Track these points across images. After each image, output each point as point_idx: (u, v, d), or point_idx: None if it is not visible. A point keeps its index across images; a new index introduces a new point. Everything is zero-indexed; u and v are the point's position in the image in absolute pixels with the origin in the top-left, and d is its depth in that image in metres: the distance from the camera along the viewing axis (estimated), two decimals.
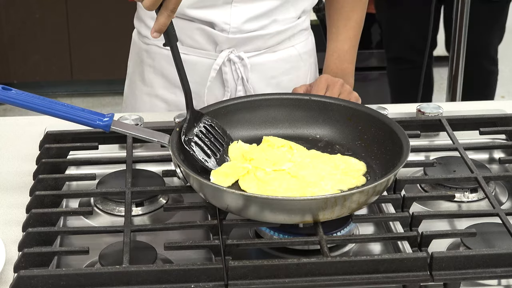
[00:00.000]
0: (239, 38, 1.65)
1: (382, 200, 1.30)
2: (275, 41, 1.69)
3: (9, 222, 1.32)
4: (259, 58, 1.69)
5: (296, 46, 1.73)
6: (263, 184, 1.27)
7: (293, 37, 1.71)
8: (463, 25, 2.65)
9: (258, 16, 1.65)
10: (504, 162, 1.47)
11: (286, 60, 1.72)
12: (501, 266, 1.14)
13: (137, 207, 1.36)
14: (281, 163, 1.32)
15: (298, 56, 1.74)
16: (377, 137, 1.38)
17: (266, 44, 1.68)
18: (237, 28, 1.64)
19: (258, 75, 1.70)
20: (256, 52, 1.68)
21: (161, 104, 1.74)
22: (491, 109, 1.63)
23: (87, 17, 4.09)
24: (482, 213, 1.29)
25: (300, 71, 1.75)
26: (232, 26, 1.63)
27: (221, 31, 1.64)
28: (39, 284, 1.10)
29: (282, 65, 1.72)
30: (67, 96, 4.30)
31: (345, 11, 1.73)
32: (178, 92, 1.72)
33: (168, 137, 1.31)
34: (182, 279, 1.11)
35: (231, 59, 1.66)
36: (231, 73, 1.68)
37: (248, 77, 1.68)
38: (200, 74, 1.68)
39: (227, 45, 1.65)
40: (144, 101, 1.76)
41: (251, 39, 1.66)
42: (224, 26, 1.63)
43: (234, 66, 1.67)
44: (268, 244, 1.23)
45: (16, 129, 1.63)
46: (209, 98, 1.68)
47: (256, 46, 1.68)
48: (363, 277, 1.13)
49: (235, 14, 1.63)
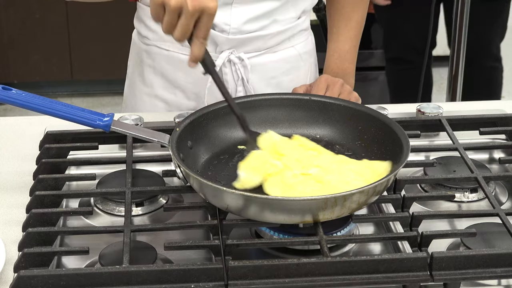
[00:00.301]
0: (239, 39, 1.65)
1: (382, 200, 1.30)
2: (275, 42, 1.69)
3: (9, 222, 1.32)
4: (259, 59, 1.69)
5: (296, 46, 1.73)
6: (288, 189, 1.25)
7: (293, 37, 1.71)
8: (463, 24, 2.65)
9: (258, 17, 1.65)
10: (504, 162, 1.47)
11: (286, 60, 1.72)
12: (501, 266, 1.14)
13: (137, 207, 1.36)
14: (308, 166, 1.30)
15: (298, 56, 1.74)
16: (377, 137, 1.38)
17: (266, 44, 1.68)
18: (237, 29, 1.64)
19: (258, 76, 1.70)
20: (256, 53, 1.68)
21: (161, 104, 1.74)
22: (491, 109, 1.63)
23: (87, 17, 4.09)
24: (482, 213, 1.29)
25: (300, 71, 1.75)
26: (232, 27, 1.63)
27: (221, 32, 1.64)
28: (39, 284, 1.10)
29: (282, 65, 1.72)
30: (67, 96, 4.30)
31: (346, 11, 1.73)
32: (178, 92, 1.72)
33: (168, 137, 1.31)
34: (182, 279, 1.11)
35: (231, 60, 1.66)
36: (231, 73, 1.68)
37: (248, 77, 1.68)
38: (200, 75, 1.68)
39: (227, 45, 1.65)
40: (144, 101, 1.76)
41: (251, 40, 1.66)
42: (224, 27, 1.63)
43: (234, 66, 1.67)
44: (268, 244, 1.23)
45: (16, 129, 1.63)
46: (209, 98, 1.68)
47: (256, 46, 1.68)
48: (363, 277, 1.13)
49: (235, 14, 1.63)
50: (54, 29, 4.11)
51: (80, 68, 4.21)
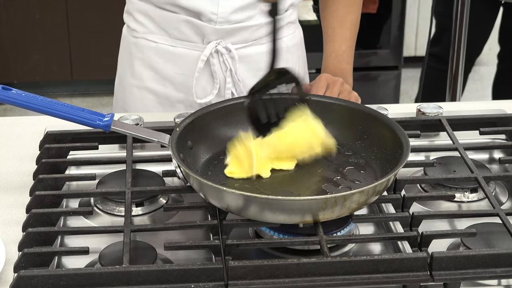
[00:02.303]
0: (226, 29, 1.66)
1: (382, 200, 1.30)
2: (262, 33, 1.70)
3: (9, 222, 1.32)
4: (247, 50, 1.71)
5: (284, 39, 1.74)
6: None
7: (280, 30, 1.71)
8: (463, 24, 2.64)
9: (245, 7, 1.66)
10: (504, 162, 1.47)
11: None
12: (501, 266, 1.14)
13: (137, 207, 1.36)
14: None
15: (286, 49, 1.74)
16: (377, 137, 1.38)
17: (253, 36, 1.70)
18: (224, 18, 1.65)
19: (246, 67, 1.72)
20: (243, 44, 1.70)
21: (150, 96, 1.75)
22: (491, 109, 1.63)
23: (87, 17, 4.09)
24: (482, 213, 1.29)
25: (287, 64, 1.75)
26: (219, 16, 1.65)
27: (208, 22, 1.65)
28: (39, 284, 1.10)
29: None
30: (67, 96, 4.30)
31: (340, 13, 1.73)
32: (167, 84, 1.73)
33: (168, 137, 1.31)
34: (182, 279, 1.11)
35: (219, 51, 1.68)
36: (219, 64, 1.69)
37: (236, 69, 1.69)
38: (188, 66, 1.70)
39: (214, 36, 1.67)
40: (133, 94, 1.77)
41: (238, 30, 1.68)
42: (211, 16, 1.65)
43: (222, 57, 1.68)
44: (268, 244, 1.23)
45: (16, 129, 1.64)
46: (197, 89, 1.69)
47: (243, 37, 1.69)
48: (363, 277, 1.13)
49: (223, 3, 1.64)
50: (54, 29, 4.11)
51: (80, 68, 4.21)
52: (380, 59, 3.91)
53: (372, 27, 3.82)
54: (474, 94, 4.32)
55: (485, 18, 3.30)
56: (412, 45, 4.46)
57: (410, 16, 4.27)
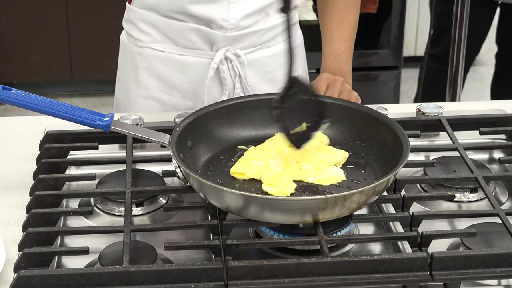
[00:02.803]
0: (235, 36, 1.67)
1: (382, 200, 1.30)
2: (269, 37, 1.71)
3: (9, 222, 1.32)
4: (254, 54, 1.71)
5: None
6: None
7: (285, 32, 1.72)
8: (463, 24, 2.64)
9: (254, 12, 1.67)
10: (504, 162, 1.47)
11: (280, 55, 1.73)
12: (501, 266, 1.14)
13: (137, 207, 1.36)
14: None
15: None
16: (377, 137, 1.38)
17: (260, 39, 1.70)
18: (235, 24, 1.65)
19: (254, 71, 1.72)
20: (251, 49, 1.70)
21: (157, 105, 1.75)
22: (491, 109, 1.63)
23: (87, 17, 4.09)
24: (482, 213, 1.29)
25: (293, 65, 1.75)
26: (230, 22, 1.64)
27: (219, 29, 1.65)
28: (39, 284, 1.10)
29: (276, 60, 1.73)
30: (67, 96, 4.30)
31: (338, 15, 1.73)
32: (174, 92, 1.72)
33: (168, 137, 1.31)
34: (182, 279, 1.11)
35: (228, 57, 1.68)
36: (228, 71, 1.69)
37: (245, 74, 1.69)
38: (197, 74, 1.69)
39: (223, 43, 1.66)
40: (138, 103, 1.76)
41: (247, 36, 1.68)
42: (222, 23, 1.64)
43: (231, 63, 1.68)
44: (268, 244, 1.23)
45: (16, 129, 1.64)
46: (208, 98, 1.68)
47: (251, 42, 1.69)
48: (363, 277, 1.13)
49: (233, 10, 1.64)
50: (54, 29, 4.11)
51: (80, 68, 4.21)
52: (380, 59, 3.91)
53: (372, 27, 3.82)
54: (474, 94, 4.32)
55: (483, 19, 3.30)
56: (412, 45, 4.46)
57: (410, 16, 4.27)
